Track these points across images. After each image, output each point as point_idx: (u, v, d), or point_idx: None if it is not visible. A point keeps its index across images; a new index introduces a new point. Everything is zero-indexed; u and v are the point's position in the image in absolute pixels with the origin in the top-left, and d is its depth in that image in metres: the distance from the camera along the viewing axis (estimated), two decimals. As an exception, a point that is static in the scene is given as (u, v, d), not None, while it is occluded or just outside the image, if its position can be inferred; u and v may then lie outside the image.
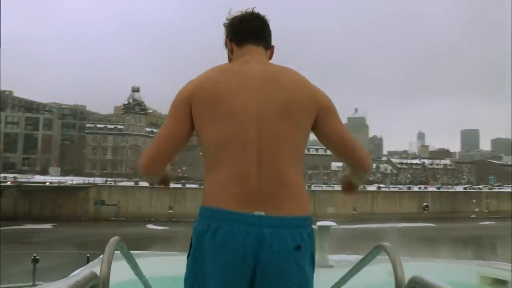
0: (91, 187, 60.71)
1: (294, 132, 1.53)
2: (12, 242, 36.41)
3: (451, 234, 49.50)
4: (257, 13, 1.73)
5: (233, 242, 1.39)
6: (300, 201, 1.54)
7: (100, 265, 1.68)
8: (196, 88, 1.55)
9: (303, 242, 1.46)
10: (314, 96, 1.59)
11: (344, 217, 59.95)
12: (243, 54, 1.68)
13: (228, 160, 1.48)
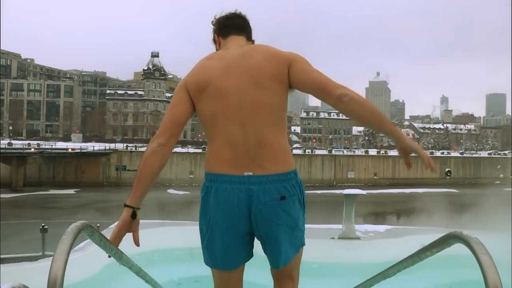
0: (112, 153, 61.31)
1: (269, 97, 1.78)
2: (37, 207, 37.23)
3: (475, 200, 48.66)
4: (239, 12, 2.06)
5: (229, 198, 1.73)
6: (281, 159, 1.79)
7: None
8: (189, 76, 1.88)
9: (287, 192, 1.77)
10: (281, 58, 1.82)
11: (364, 182, 59.46)
12: (227, 43, 1.99)
13: (219, 131, 1.79)
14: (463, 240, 1.31)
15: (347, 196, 6.07)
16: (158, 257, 5.68)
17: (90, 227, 1.41)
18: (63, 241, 1.25)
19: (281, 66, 1.80)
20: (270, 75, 1.78)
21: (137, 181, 1.89)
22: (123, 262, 1.96)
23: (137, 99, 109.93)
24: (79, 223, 1.35)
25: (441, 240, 1.46)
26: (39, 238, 11.20)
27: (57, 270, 1.17)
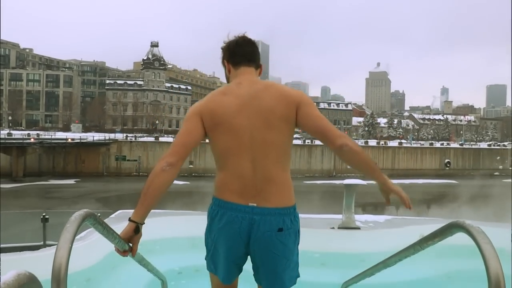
0: (112, 143, 61.26)
1: (278, 137, 1.96)
2: (38, 197, 37.31)
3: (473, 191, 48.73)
4: (249, 39, 2.15)
5: (233, 224, 1.93)
6: (284, 195, 1.98)
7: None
8: (204, 107, 2.01)
9: (285, 225, 1.95)
10: (290, 100, 1.98)
11: (364, 173, 59.37)
12: (238, 75, 2.11)
13: (230, 164, 1.98)
14: (465, 229, 1.32)
15: (347, 186, 6.06)
16: (159, 247, 5.70)
17: (94, 215, 1.42)
18: (67, 230, 1.26)
19: (289, 108, 1.97)
20: (280, 116, 1.95)
21: (144, 197, 1.89)
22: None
23: (136, 89, 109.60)
24: (82, 212, 1.36)
25: (443, 229, 1.47)
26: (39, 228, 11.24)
27: (61, 258, 1.18)
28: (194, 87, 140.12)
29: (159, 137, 70.07)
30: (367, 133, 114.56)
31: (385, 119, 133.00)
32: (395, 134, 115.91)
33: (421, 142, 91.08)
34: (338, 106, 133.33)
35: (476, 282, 1.22)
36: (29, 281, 0.95)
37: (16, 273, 0.92)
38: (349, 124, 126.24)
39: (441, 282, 5.44)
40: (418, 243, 1.73)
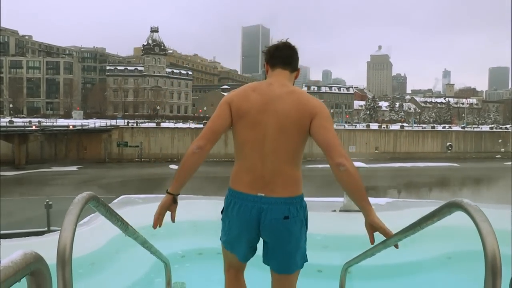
0: (113, 129, 61.31)
1: (288, 142, 2.14)
2: (40, 184, 37.50)
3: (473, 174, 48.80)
4: (289, 44, 2.33)
5: (245, 212, 2.16)
6: (290, 186, 2.17)
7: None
8: (234, 97, 2.22)
9: (291, 214, 2.13)
10: (307, 110, 2.12)
11: (365, 156, 59.48)
12: (272, 75, 2.30)
13: (244, 156, 2.21)
14: (463, 208, 1.33)
15: (348, 169, 6.11)
16: (162, 231, 5.75)
17: (96, 198, 1.44)
18: (71, 212, 1.28)
19: (305, 117, 2.11)
20: (294, 123, 2.11)
21: (178, 174, 2.20)
22: (128, 233, 2.00)
23: (137, 75, 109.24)
24: (85, 194, 1.38)
25: (441, 208, 1.49)
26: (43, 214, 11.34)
27: (66, 239, 1.21)
28: (195, 72, 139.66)
29: (161, 122, 70.06)
30: (369, 116, 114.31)
31: (386, 102, 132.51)
32: (396, 117, 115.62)
33: (423, 126, 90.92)
34: (339, 90, 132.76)
35: (476, 262, 1.24)
36: (35, 261, 0.96)
37: (23, 253, 0.93)
38: (351, 108, 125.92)
39: (441, 263, 5.50)
40: (417, 223, 1.75)
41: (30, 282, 0.99)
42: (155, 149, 62.02)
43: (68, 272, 1.18)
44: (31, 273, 0.97)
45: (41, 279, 1.01)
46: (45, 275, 1.02)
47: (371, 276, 4.86)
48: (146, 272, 4.52)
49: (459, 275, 5.00)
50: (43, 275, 1.02)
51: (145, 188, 29.91)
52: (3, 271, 0.85)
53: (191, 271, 4.49)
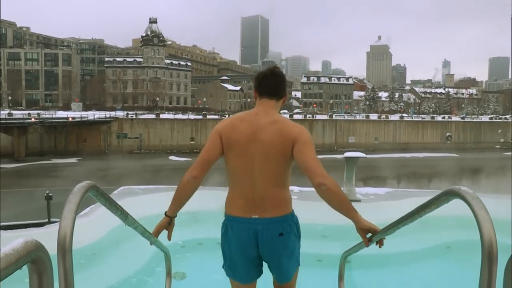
0: (113, 121, 61.23)
1: (274, 168, 2.32)
2: (40, 176, 37.53)
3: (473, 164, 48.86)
4: (277, 72, 2.49)
5: (242, 234, 2.33)
6: (280, 206, 2.35)
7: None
8: (224, 128, 2.39)
9: (285, 230, 2.33)
10: (289, 137, 2.29)
11: (365, 147, 59.53)
12: (259, 105, 2.47)
13: (236, 182, 2.39)
14: (461, 195, 1.34)
15: (347, 159, 6.09)
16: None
17: (96, 187, 1.44)
18: (70, 201, 1.28)
19: (287, 144, 2.28)
20: (278, 150, 2.29)
21: (175, 199, 2.40)
22: (128, 222, 2.01)
23: (136, 66, 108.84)
24: (85, 183, 1.38)
25: (439, 196, 1.49)
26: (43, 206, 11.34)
27: (66, 227, 1.21)
28: (194, 63, 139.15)
29: (160, 114, 69.95)
30: (368, 107, 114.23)
31: (386, 93, 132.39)
32: (396, 108, 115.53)
33: (422, 116, 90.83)
34: (339, 80, 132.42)
35: (474, 251, 1.25)
36: (36, 249, 0.97)
37: (24, 241, 0.94)
38: (350, 98, 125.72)
39: (440, 252, 5.54)
40: (415, 211, 1.75)
41: (31, 269, 1.01)
42: (155, 141, 62.02)
43: (69, 260, 1.19)
44: (32, 261, 0.98)
45: (42, 266, 1.02)
46: (46, 262, 1.03)
47: (371, 265, 4.89)
48: (147, 262, 4.54)
49: (458, 264, 5.03)
50: (44, 263, 1.02)
51: (145, 179, 29.91)
52: (4, 258, 0.86)
53: (191, 261, 4.52)
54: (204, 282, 3.80)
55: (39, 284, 1.02)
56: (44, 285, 1.03)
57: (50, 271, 1.05)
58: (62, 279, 1.18)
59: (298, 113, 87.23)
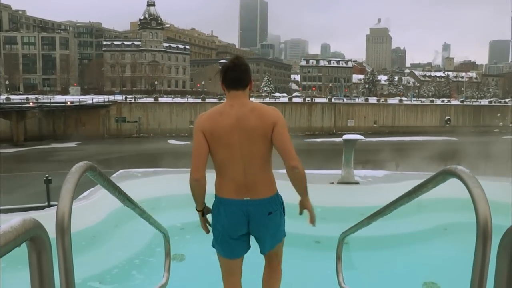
0: (111, 105, 60.95)
1: (260, 149, 2.53)
2: (40, 161, 37.54)
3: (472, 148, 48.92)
4: (240, 63, 2.62)
5: (235, 214, 2.57)
6: (268, 188, 2.60)
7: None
8: (205, 125, 2.54)
9: (273, 209, 2.60)
10: (269, 121, 2.51)
11: (364, 130, 59.42)
12: (230, 97, 2.62)
13: (227, 171, 2.57)
14: (457, 174, 1.34)
15: (346, 141, 6.08)
16: (162, 204, 5.82)
17: (94, 168, 1.44)
18: (68, 180, 1.29)
19: (268, 127, 2.50)
20: (260, 134, 2.50)
21: (194, 198, 2.64)
22: (126, 203, 2.01)
23: (134, 49, 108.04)
24: (83, 163, 1.38)
25: (436, 176, 1.50)
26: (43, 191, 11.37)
27: (64, 207, 1.22)
28: (193, 47, 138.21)
29: (159, 97, 69.67)
30: (367, 90, 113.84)
31: (385, 76, 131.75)
32: (395, 91, 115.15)
33: (422, 99, 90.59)
34: (338, 63, 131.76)
35: (471, 232, 1.26)
36: (34, 227, 0.98)
37: (22, 219, 0.94)
38: (349, 82, 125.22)
39: (437, 234, 5.58)
40: (412, 191, 1.76)
41: (30, 247, 1.02)
42: (154, 124, 61.89)
43: (68, 239, 1.19)
44: (30, 239, 0.99)
45: (41, 245, 1.03)
46: (44, 241, 1.04)
47: (369, 247, 4.94)
48: (146, 244, 4.58)
49: (455, 245, 5.08)
50: (43, 241, 1.03)
51: (145, 163, 29.93)
52: (3, 236, 0.86)
53: (190, 243, 4.55)
54: (203, 264, 3.84)
55: (38, 262, 1.03)
56: (43, 263, 1.04)
57: (49, 249, 1.06)
58: (61, 258, 1.19)
59: (297, 97, 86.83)
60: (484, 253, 1.20)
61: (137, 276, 3.97)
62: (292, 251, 3.03)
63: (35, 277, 1.05)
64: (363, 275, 3.87)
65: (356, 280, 3.07)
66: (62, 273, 1.19)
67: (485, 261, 1.21)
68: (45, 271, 1.05)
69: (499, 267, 1.09)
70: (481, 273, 1.21)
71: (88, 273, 3.75)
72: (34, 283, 1.05)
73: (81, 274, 3.45)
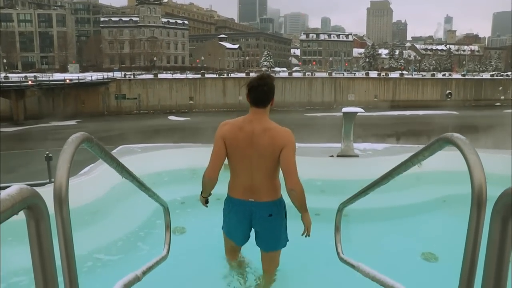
0: (110, 82, 60.66)
1: (268, 164, 2.93)
2: (40, 139, 37.55)
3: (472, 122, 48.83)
4: (264, 81, 2.94)
5: (240, 212, 3.05)
6: (271, 193, 3.01)
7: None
8: (226, 133, 2.96)
9: (273, 212, 3.02)
10: (279, 143, 2.87)
11: (365, 104, 59.13)
12: (251, 113, 2.98)
13: (237, 174, 3.04)
14: (453, 141, 1.34)
15: (345, 114, 6.05)
16: (163, 179, 5.86)
17: (91, 138, 1.44)
18: (65, 151, 1.29)
19: (277, 148, 2.87)
20: (270, 151, 2.89)
21: (204, 188, 3.11)
22: (125, 175, 2.02)
23: (132, 26, 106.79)
24: (79, 134, 1.38)
25: (432, 143, 1.50)
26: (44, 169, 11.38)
27: (61, 177, 1.22)
28: (191, 22, 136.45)
29: (158, 74, 69.23)
30: (368, 64, 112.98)
31: (386, 50, 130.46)
32: (396, 65, 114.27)
33: (423, 73, 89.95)
34: (338, 37, 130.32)
35: (469, 204, 1.26)
36: (32, 195, 0.98)
37: (19, 187, 0.95)
38: (350, 56, 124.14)
39: (436, 206, 5.62)
40: (409, 159, 1.76)
41: (28, 216, 1.03)
42: (153, 101, 61.69)
43: (66, 209, 1.20)
44: (28, 207, 1.00)
45: (39, 213, 1.04)
46: (42, 210, 1.04)
47: (368, 219, 4.99)
48: (147, 218, 4.63)
49: (453, 217, 5.12)
50: (41, 210, 1.04)
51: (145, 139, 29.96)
52: (1, 203, 0.88)
53: (191, 216, 4.60)
54: (204, 236, 3.90)
55: (37, 230, 1.04)
56: (41, 231, 1.05)
57: (47, 218, 1.06)
58: (60, 228, 1.20)
59: (297, 71, 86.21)
60: (478, 219, 1.21)
61: (139, 249, 4.04)
62: (292, 223, 3.07)
63: (34, 246, 1.05)
64: (362, 246, 3.93)
65: (355, 251, 3.12)
66: (62, 242, 1.20)
67: (479, 227, 1.22)
68: (44, 239, 1.06)
69: (491, 232, 1.09)
70: (475, 238, 1.22)
71: (91, 247, 3.82)
72: (33, 252, 1.05)
73: (83, 248, 3.51)
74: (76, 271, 1.22)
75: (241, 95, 66.25)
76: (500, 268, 1.09)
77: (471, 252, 1.23)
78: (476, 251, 1.22)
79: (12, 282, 3.22)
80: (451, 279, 1.40)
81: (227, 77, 68.98)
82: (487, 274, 1.10)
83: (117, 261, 3.82)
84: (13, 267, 3.21)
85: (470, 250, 1.23)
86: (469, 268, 1.23)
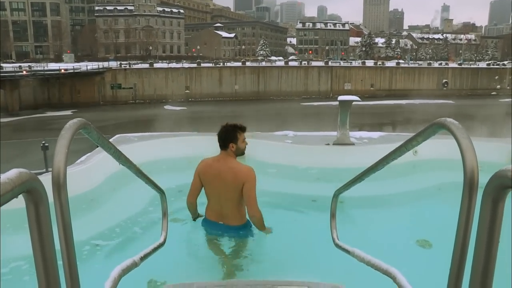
0: (106, 72, 60.34)
1: (233, 197, 3.61)
2: (36, 129, 37.41)
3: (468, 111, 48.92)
4: (225, 129, 3.74)
5: (211, 231, 3.78)
6: (239, 219, 3.71)
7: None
8: (200, 169, 3.77)
9: (242, 231, 3.72)
10: (241, 179, 3.55)
11: (361, 93, 59.18)
12: (220, 154, 3.74)
13: (210, 202, 3.77)
14: (446, 126, 1.36)
15: (341, 102, 6.06)
16: (159, 167, 5.89)
17: (88, 124, 1.44)
18: (63, 136, 1.29)
19: (239, 183, 3.54)
20: (234, 186, 3.56)
21: (190, 212, 3.96)
22: (121, 161, 2.03)
23: (127, 14, 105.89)
24: (76, 120, 1.38)
25: (426, 129, 1.52)
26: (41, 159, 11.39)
27: (59, 162, 1.23)
28: (187, 11, 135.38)
29: (154, 63, 68.86)
30: (364, 53, 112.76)
31: (383, 39, 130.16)
32: (392, 54, 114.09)
33: (419, 62, 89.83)
34: (335, 26, 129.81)
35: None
36: (31, 179, 0.99)
37: (18, 171, 0.96)
38: (346, 45, 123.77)
39: (431, 193, 5.68)
40: (403, 144, 1.78)
41: (27, 199, 1.04)
42: (149, 90, 61.46)
43: (64, 194, 1.21)
44: (27, 191, 1.01)
45: (38, 197, 1.05)
46: (41, 193, 1.05)
47: (364, 206, 5.04)
48: (144, 206, 4.67)
49: (448, 204, 5.16)
50: (40, 193, 1.05)
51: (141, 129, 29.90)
52: (1, 186, 0.89)
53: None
54: (200, 224, 3.93)
55: (36, 214, 1.05)
56: (40, 215, 1.06)
57: (46, 202, 1.07)
58: (59, 213, 1.21)
59: (293, 60, 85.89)
60: (470, 202, 1.23)
61: (137, 236, 4.10)
62: (289, 209, 3.10)
63: (34, 229, 1.06)
64: (357, 233, 3.97)
65: (350, 237, 3.15)
66: (60, 226, 1.21)
67: (470, 210, 1.24)
68: (43, 223, 1.07)
69: (482, 213, 1.11)
70: (466, 221, 1.24)
71: (90, 233, 3.86)
72: (33, 235, 1.06)
73: (82, 234, 3.54)
74: (75, 255, 1.24)
75: (237, 85, 66.34)
76: (489, 248, 1.10)
77: (462, 235, 1.25)
78: (468, 234, 1.24)
79: (13, 267, 3.27)
80: (444, 264, 1.43)
81: (223, 66, 68.80)
82: (477, 254, 1.12)
83: (116, 247, 3.89)
84: (12, 254, 3.24)
85: (461, 232, 1.25)
86: (460, 250, 1.25)
